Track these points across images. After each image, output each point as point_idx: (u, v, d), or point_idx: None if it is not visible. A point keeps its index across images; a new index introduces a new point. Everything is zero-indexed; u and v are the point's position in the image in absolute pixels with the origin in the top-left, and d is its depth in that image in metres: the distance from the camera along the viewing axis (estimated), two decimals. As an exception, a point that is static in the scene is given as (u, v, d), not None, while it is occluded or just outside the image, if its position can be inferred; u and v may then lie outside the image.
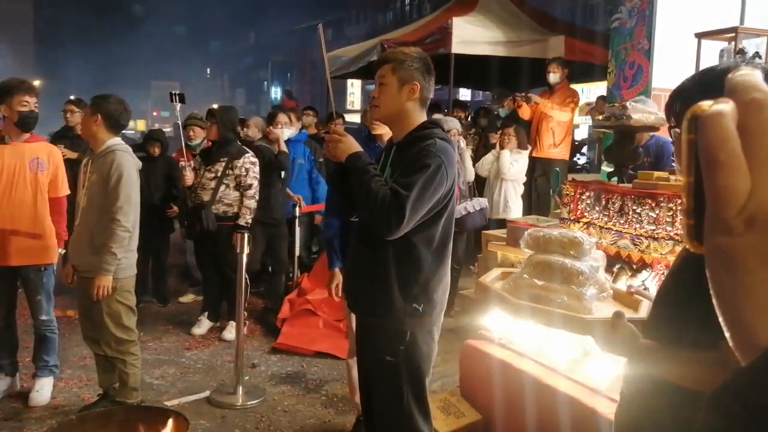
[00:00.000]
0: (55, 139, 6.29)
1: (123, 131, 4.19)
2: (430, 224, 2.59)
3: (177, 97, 6.18)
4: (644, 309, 2.12)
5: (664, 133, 4.90)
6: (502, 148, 6.63)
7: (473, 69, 9.19)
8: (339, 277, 3.64)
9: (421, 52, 2.72)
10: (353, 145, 2.64)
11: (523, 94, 7.36)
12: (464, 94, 19.77)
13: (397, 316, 2.62)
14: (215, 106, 6.19)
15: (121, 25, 54.99)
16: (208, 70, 63.24)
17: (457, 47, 7.84)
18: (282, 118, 6.32)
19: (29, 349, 4.58)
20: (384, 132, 3.65)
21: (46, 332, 4.33)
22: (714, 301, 0.54)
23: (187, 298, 6.84)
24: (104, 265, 3.71)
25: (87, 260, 3.80)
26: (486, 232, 5.15)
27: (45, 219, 4.21)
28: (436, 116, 6.42)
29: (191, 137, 6.30)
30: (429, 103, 2.74)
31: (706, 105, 0.51)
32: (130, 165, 3.82)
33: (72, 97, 7.01)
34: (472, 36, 7.98)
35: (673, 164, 4.87)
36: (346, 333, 5.48)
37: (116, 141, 3.91)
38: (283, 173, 6.03)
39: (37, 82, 4.38)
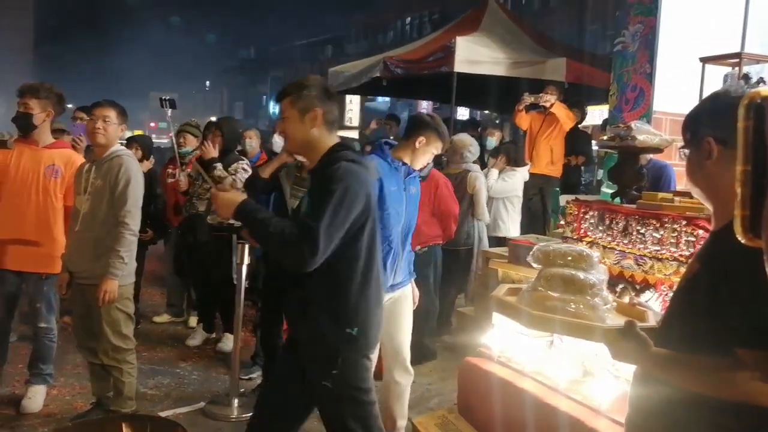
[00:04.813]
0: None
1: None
2: (351, 246, 2.57)
3: (167, 103, 6.03)
4: (652, 319, 2.12)
5: (663, 157, 4.93)
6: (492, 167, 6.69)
7: (472, 88, 9.24)
8: None
9: (317, 78, 2.81)
10: (235, 197, 2.60)
11: (534, 95, 7.23)
12: (462, 113, 19.82)
13: (329, 343, 2.62)
14: (213, 118, 6.11)
15: (121, 36, 55.17)
16: (208, 82, 63.44)
17: (460, 66, 7.89)
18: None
19: (22, 356, 4.54)
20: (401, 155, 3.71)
21: (44, 340, 4.29)
22: None
23: (162, 318, 6.52)
24: (111, 269, 3.69)
25: (88, 266, 3.78)
26: (486, 249, 5.15)
27: (53, 227, 4.15)
28: (461, 136, 6.34)
29: (182, 144, 6.12)
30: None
31: (765, 91, 0.49)
32: (137, 170, 3.85)
33: (70, 106, 6.99)
34: (475, 55, 8.03)
35: (671, 187, 4.88)
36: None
37: (121, 147, 3.96)
38: None
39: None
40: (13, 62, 54.97)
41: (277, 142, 5.33)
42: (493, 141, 8.06)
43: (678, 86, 5.68)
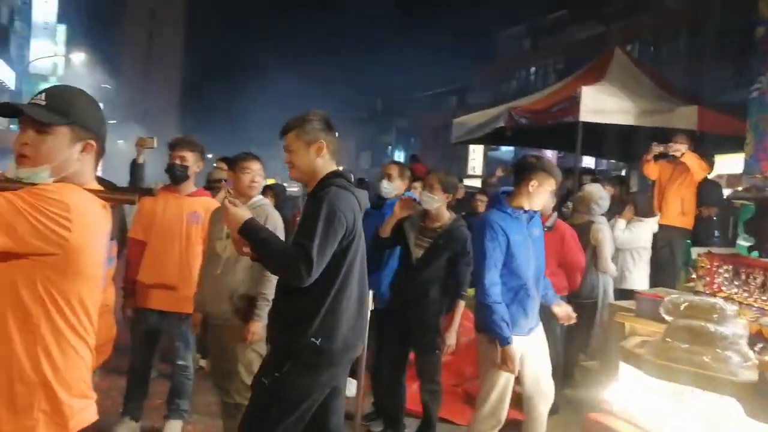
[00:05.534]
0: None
1: None
2: (331, 264, 2.79)
3: None
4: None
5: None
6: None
7: (598, 137, 9.10)
8: (515, 353, 3.63)
9: (319, 112, 3.06)
10: (241, 215, 2.83)
11: (663, 145, 7.06)
12: (587, 161, 19.43)
13: (290, 348, 2.84)
14: (340, 167, 6.36)
15: (255, 90, 58.42)
16: (336, 134, 65.68)
17: (586, 116, 7.80)
18: (391, 169, 5.42)
19: (161, 392, 4.83)
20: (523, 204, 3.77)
21: (182, 377, 4.55)
22: None
23: None
24: (258, 311, 3.88)
25: (226, 309, 3.96)
26: (612, 302, 5.03)
27: (192, 271, 4.37)
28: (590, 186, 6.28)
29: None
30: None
31: None
32: (279, 218, 4.08)
33: (209, 155, 7.50)
34: (601, 105, 7.92)
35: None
36: (465, 398, 5.45)
37: (261, 196, 4.20)
38: None
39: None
40: (162, 115, 59.84)
41: (386, 187, 5.25)
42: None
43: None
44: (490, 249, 3.65)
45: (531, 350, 3.83)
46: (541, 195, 3.79)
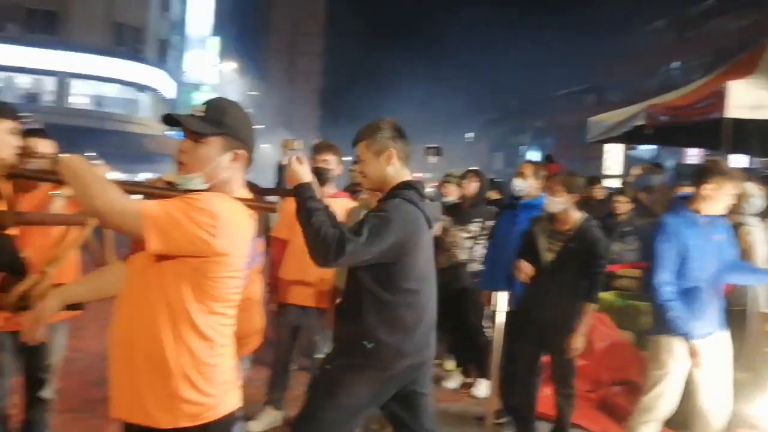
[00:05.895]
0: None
1: None
2: (384, 274, 2.88)
3: (432, 150, 6.49)
4: None
5: None
6: None
7: (750, 134, 8.54)
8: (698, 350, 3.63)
9: (389, 121, 3.09)
10: (303, 176, 2.87)
11: None
12: (740, 161, 18.12)
13: (346, 346, 3.00)
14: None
15: (392, 93, 59.33)
16: (469, 134, 65.38)
17: (733, 111, 7.34)
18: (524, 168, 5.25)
19: (301, 385, 5.04)
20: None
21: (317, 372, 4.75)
22: None
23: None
24: None
25: None
26: (763, 311, 4.76)
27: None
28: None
29: (445, 194, 6.49)
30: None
31: None
32: None
33: (346, 158, 7.76)
34: (751, 100, 7.42)
35: None
36: (600, 404, 5.32)
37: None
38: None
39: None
40: (303, 120, 62.34)
41: (519, 186, 5.13)
42: None
43: None
44: (662, 251, 3.75)
45: (706, 356, 3.71)
46: (718, 199, 3.79)
